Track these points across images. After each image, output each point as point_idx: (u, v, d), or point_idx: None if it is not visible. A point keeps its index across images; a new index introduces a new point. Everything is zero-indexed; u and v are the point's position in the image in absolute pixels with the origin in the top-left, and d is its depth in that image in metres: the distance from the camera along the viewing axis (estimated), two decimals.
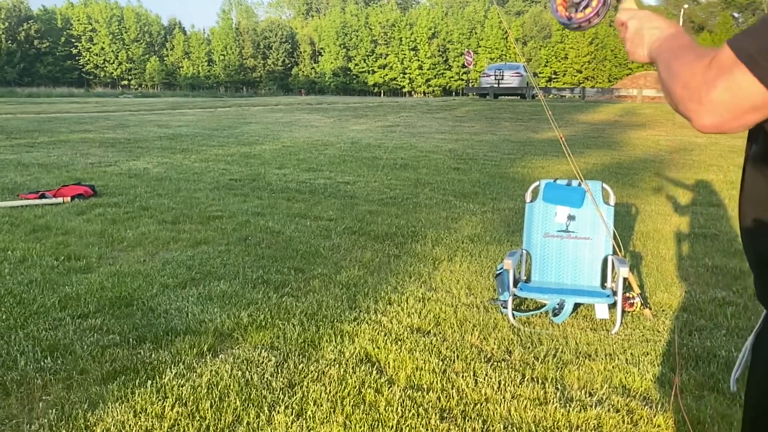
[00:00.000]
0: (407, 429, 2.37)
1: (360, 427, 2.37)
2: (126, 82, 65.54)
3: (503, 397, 2.60)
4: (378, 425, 2.38)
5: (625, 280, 3.46)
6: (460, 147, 12.31)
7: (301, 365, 2.85)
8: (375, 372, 2.79)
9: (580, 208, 3.87)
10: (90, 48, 63.16)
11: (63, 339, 3.06)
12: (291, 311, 3.52)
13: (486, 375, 2.80)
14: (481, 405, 2.54)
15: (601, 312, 3.55)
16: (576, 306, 3.63)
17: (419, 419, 2.43)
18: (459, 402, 2.57)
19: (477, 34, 63.74)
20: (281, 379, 2.71)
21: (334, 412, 2.47)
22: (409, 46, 64.08)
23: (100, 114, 19.95)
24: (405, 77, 64.95)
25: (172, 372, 2.74)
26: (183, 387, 2.62)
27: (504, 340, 3.21)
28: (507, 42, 59.32)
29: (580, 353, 3.07)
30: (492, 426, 2.40)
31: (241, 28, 68.49)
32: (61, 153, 10.41)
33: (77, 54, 62.94)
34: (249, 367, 2.81)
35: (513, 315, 3.47)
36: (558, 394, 2.65)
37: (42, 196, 6.47)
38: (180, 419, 2.39)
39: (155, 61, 64.96)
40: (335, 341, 3.12)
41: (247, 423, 2.38)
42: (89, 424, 2.35)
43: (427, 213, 6.28)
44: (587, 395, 2.65)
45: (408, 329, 3.31)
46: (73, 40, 62.55)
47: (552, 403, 2.56)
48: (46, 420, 2.35)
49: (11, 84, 53.30)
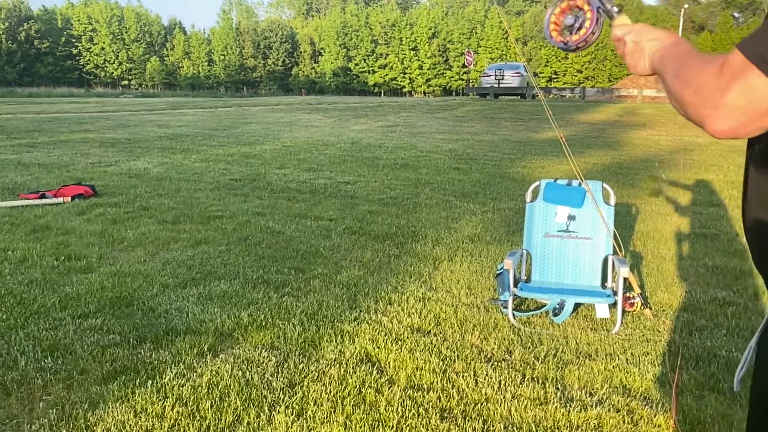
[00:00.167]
0: (407, 429, 2.37)
1: (360, 427, 2.37)
2: (126, 82, 65.57)
3: (503, 397, 2.60)
4: (378, 425, 2.38)
5: (626, 280, 3.46)
6: (460, 147, 12.31)
7: (302, 365, 2.85)
8: (375, 372, 2.79)
9: (580, 208, 3.87)
10: (90, 48, 63.19)
11: (63, 339, 3.06)
12: (291, 311, 3.52)
13: (486, 375, 2.80)
14: (482, 405, 2.54)
15: (602, 312, 3.55)
16: (576, 306, 3.63)
17: (419, 419, 2.43)
18: (459, 402, 2.57)
19: (477, 34, 63.73)
20: (281, 379, 2.71)
21: (334, 412, 2.47)
22: (410, 46, 64.09)
23: (100, 114, 19.96)
24: (405, 77, 64.96)
25: (172, 372, 2.74)
26: (183, 387, 2.62)
27: (504, 340, 3.21)
28: (507, 42, 59.33)
29: (580, 353, 3.07)
30: (492, 426, 2.40)
31: (242, 28, 68.50)
32: (62, 153, 10.42)
33: (77, 54, 62.97)
34: (249, 367, 2.81)
35: (513, 315, 3.47)
36: (558, 394, 2.65)
37: (42, 196, 6.47)
38: (180, 419, 2.39)
39: (155, 61, 64.99)
40: (335, 341, 3.12)
41: (248, 423, 2.38)
42: (89, 424, 2.35)
43: (428, 213, 6.28)
44: (587, 395, 2.65)
45: (408, 329, 3.31)
46: (74, 40, 62.58)
47: (552, 403, 2.56)
48: (46, 420, 2.35)
49: (11, 84, 53.33)
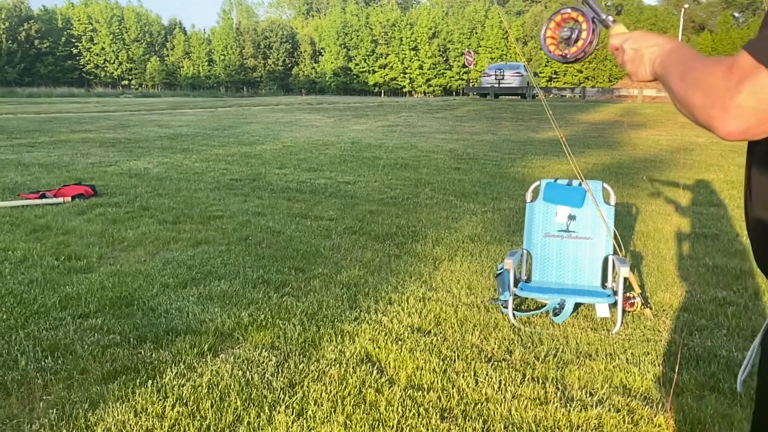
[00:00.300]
0: (408, 429, 2.37)
1: (360, 427, 2.37)
2: (126, 82, 65.56)
3: (504, 397, 2.60)
4: (378, 425, 2.38)
5: (626, 279, 3.46)
6: (460, 147, 12.31)
7: (302, 365, 2.85)
8: (375, 372, 2.79)
9: (580, 207, 3.87)
10: (90, 48, 63.16)
11: (64, 339, 3.06)
12: (291, 311, 3.52)
13: (486, 375, 2.80)
14: (482, 405, 2.54)
15: (602, 311, 3.55)
16: (577, 306, 3.63)
17: (420, 419, 2.43)
18: (459, 402, 2.57)
19: (477, 33, 63.69)
20: (282, 379, 2.71)
21: (334, 411, 2.47)
22: (410, 45, 64.05)
23: (100, 114, 19.96)
24: (405, 77, 64.92)
25: (172, 372, 2.74)
26: (183, 387, 2.62)
27: (504, 339, 3.21)
28: (507, 42, 59.31)
29: (580, 353, 3.07)
30: (492, 426, 2.40)
31: (242, 28, 68.48)
32: (62, 153, 10.42)
33: (78, 54, 62.94)
34: (249, 367, 2.81)
35: (513, 315, 3.47)
36: (559, 393, 2.65)
37: (43, 195, 6.48)
38: (181, 419, 2.39)
39: (156, 61, 64.96)
40: (336, 341, 3.12)
41: (248, 423, 2.38)
42: (90, 423, 2.35)
43: (428, 213, 6.28)
44: (588, 395, 2.65)
45: (408, 329, 3.31)
46: (74, 40, 62.56)
47: (552, 403, 2.56)
48: (46, 420, 2.35)
49: (12, 84, 53.32)
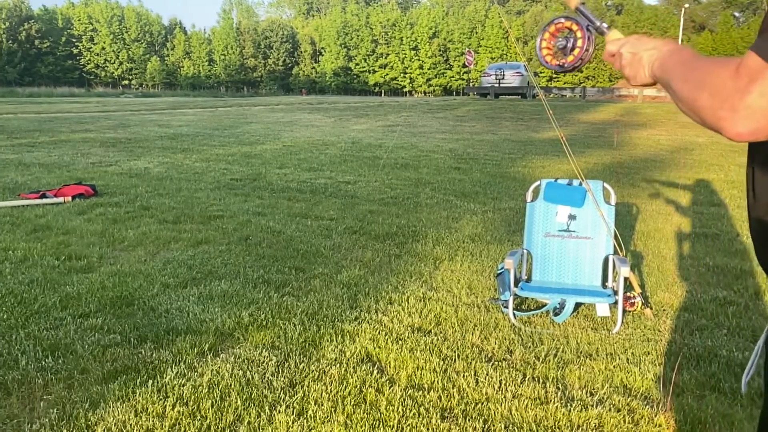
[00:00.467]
0: (408, 428, 2.37)
1: (361, 427, 2.37)
2: (127, 81, 65.53)
3: (504, 397, 2.60)
4: (379, 425, 2.38)
5: (626, 279, 3.46)
6: (460, 146, 12.31)
7: (302, 365, 2.85)
8: (376, 371, 2.79)
9: (581, 207, 3.87)
10: (91, 48, 63.12)
11: (64, 338, 3.06)
12: (292, 311, 3.52)
13: (487, 374, 2.80)
14: (482, 404, 2.54)
15: (602, 311, 3.55)
16: (577, 305, 3.63)
17: (420, 419, 2.43)
18: (460, 401, 2.57)
19: (478, 33, 63.65)
20: (282, 379, 2.71)
21: (335, 411, 2.47)
22: (410, 45, 64.02)
23: (101, 114, 19.96)
24: (406, 77, 64.89)
25: (173, 371, 2.74)
26: (184, 386, 2.62)
27: (505, 339, 3.21)
28: (508, 41, 59.27)
29: (581, 353, 3.07)
30: (493, 425, 2.40)
31: (242, 27, 68.45)
32: (62, 153, 10.42)
33: (78, 54, 62.90)
34: (250, 367, 2.81)
35: (514, 314, 3.47)
36: (559, 393, 2.65)
37: (43, 195, 6.48)
38: (181, 419, 2.39)
39: (156, 61, 64.94)
40: (336, 341, 3.12)
41: (248, 422, 2.38)
42: (90, 423, 2.35)
43: (428, 212, 6.28)
44: (588, 395, 2.64)
45: (409, 329, 3.31)
46: (74, 39, 62.52)
47: (553, 403, 2.56)
48: (47, 419, 2.35)
49: (12, 84, 53.29)
